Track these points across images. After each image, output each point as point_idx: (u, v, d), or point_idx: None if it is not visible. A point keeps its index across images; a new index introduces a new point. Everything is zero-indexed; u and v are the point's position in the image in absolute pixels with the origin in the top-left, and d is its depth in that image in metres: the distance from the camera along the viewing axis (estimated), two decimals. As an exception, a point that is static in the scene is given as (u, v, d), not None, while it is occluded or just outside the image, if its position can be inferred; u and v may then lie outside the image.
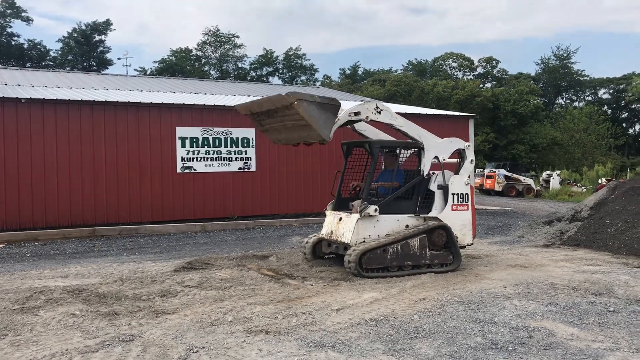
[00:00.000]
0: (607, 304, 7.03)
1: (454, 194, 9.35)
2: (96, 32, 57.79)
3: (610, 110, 69.19)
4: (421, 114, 20.96)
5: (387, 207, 8.89)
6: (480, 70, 68.41)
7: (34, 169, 14.46)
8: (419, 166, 9.28)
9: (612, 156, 54.35)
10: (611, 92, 70.32)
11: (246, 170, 17.10)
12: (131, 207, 15.55)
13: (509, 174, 33.67)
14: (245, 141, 17.01)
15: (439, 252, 9.04)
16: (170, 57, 62.15)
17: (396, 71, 69.26)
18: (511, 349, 5.38)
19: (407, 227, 9.00)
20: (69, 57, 57.74)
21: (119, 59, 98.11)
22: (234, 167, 16.95)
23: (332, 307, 6.79)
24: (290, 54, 66.30)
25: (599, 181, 34.19)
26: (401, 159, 9.66)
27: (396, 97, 52.83)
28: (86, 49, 57.31)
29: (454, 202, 9.34)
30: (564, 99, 74.01)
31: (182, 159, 16.23)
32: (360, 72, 72.38)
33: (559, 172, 39.75)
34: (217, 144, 16.66)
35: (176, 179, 16.16)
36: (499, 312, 6.64)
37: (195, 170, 16.38)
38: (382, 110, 8.81)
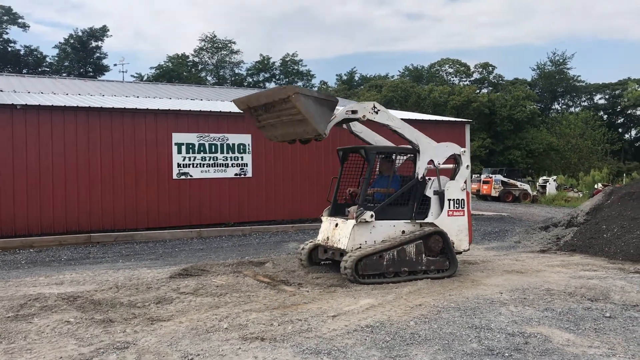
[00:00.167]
0: (603, 309, 7.04)
1: (450, 200, 9.35)
2: (93, 38, 57.85)
3: (606, 115, 69.46)
4: (417, 119, 20.97)
5: (383, 213, 8.89)
6: (476, 76, 68.73)
7: (30, 175, 14.42)
8: (415, 171, 9.29)
9: (608, 161, 54.50)
10: (607, 97, 70.63)
11: (242, 176, 17.08)
12: (127, 214, 15.51)
13: (505, 180, 33.73)
14: (241, 147, 17.00)
15: (436, 258, 9.03)
16: (166, 63, 62.29)
17: (393, 77, 69.54)
18: (507, 355, 5.36)
19: (403, 233, 9.00)
20: (66, 64, 57.75)
21: (115, 65, 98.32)
22: (230, 173, 16.93)
23: (328, 313, 6.77)
24: (287, 59, 66.49)
25: (595, 186, 34.25)
26: (397, 164, 9.67)
27: (393, 103, 52.92)
28: (82, 55, 57.32)
29: (450, 208, 9.34)
30: (560, 105, 74.30)
31: (178, 165, 16.21)
32: (356, 78, 72.66)
33: (555, 177, 39.86)
34: (213, 150, 16.64)
35: (172, 185, 16.13)
36: (495, 318, 6.64)
37: (191, 176, 16.35)
38: (379, 110, 8.84)
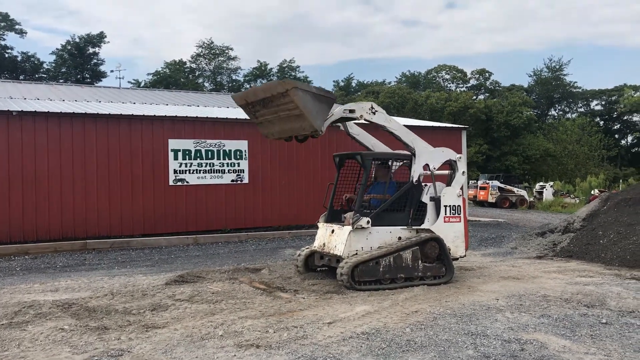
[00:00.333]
0: (599, 316, 7.03)
1: (446, 206, 9.35)
2: (90, 44, 57.76)
3: (602, 121, 69.61)
4: (414, 125, 20.97)
5: (380, 219, 8.89)
6: (473, 82, 68.90)
7: (25, 181, 14.37)
8: (410, 175, 9.28)
9: (604, 167, 54.58)
10: (603, 103, 70.80)
11: (239, 182, 17.06)
12: (123, 220, 15.45)
13: (502, 186, 33.79)
14: (238, 153, 16.98)
15: (432, 264, 9.02)
16: (164, 70, 62.32)
17: (390, 83, 69.67)
18: (503, 362, 5.35)
19: (399, 239, 8.99)
20: (63, 70, 57.68)
21: (112, 71, 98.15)
22: (227, 179, 16.90)
23: (324, 320, 6.75)
24: (284, 66, 66.54)
25: (592, 192, 34.33)
26: (393, 169, 9.67)
27: (390, 109, 52.96)
28: (80, 62, 57.25)
29: (446, 214, 9.34)
30: (557, 111, 74.48)
31: (175, 171, 16.17)
32: (354, 84, 72.75)
33: (552, 183, 39.91)
34: (209, 156, 16.62)
35: (168, 191, 16.09)
36: (491, 324, 6.62)
37: (187, 182, 16.32)
38: (376, 111, 8.85)
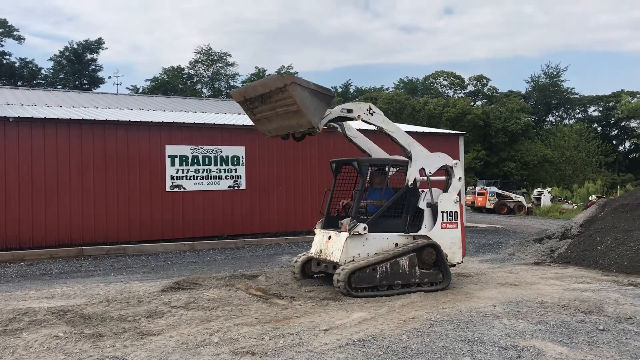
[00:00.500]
0: (597, 322, 6.99)
1: (443, 212, 9.32)
2: (88, 50, 57.84)
3: (600, 127, 69.84)
4: (412, 131, 20.96)
5: (377, 226, 8.85)
6: (470, 88, 69.08)
7: (21, 188, 14.32)
8: (406, 179, 9.24)
9: (602, 173, 54.74)
10: (601, 109, 71.06)
11: (236, 188, 17.02)
12: (119, 226, 15.40)
13: (500, 192, 33.77)
14: (235, 159, 16.96)
15: (429, 270, 8.98)
16: (162, 76, 62.41)
17: (388, 89, 69.86)
18: (500, 369, 5.31)
19: (396, 245, 8.95)
20: (61, 76, 57.71)
21: (110, 77, 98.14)
22: (224, 185, 16.87)
23: (320, 327, 6.70)
24: (282, 72, 66.63)
25: (590, 198, 34.33)
26: (389, 175, 9.65)
27: (388, 115, 52.06)
28: (78, 68, 57.30)
29: (443, 220, 9.30)
30: (554, 117, 74.72)
31: (172, 178, 16.13)
32: (352, 90, 72.80)
33: (549, 189, 39.92)
34: (206, 162, 16.59)
35: (165, 197, 16.04)
36: (488, 331, 6.58)
37: (184, 188, 16.28)
38: (374, 112, 8.85)
